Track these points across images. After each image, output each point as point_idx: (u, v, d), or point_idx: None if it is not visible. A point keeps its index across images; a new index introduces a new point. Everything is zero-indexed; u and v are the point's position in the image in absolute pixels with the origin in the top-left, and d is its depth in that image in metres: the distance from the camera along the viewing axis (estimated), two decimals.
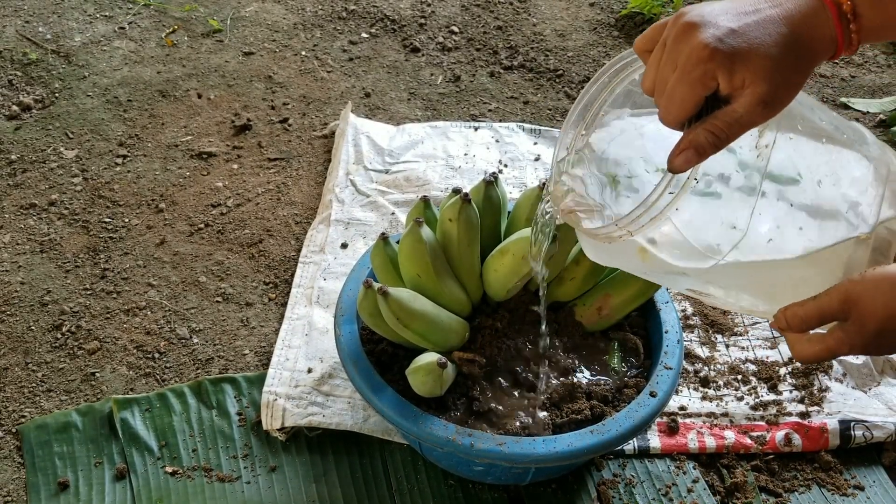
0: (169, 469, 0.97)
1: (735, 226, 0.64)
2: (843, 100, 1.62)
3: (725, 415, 1.05)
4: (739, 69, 0.55)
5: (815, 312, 0.62)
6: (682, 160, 0.58)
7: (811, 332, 0.65)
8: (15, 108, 1.47)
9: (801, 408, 1.05)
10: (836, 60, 0.65)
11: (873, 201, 0.67)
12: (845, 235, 0.66)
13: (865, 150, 0.69)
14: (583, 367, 0.95)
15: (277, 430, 1.00)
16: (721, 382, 1.09)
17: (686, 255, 0.66)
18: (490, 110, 1.57)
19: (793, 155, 0.66)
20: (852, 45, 0.59)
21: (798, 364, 1.11)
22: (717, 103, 0.57)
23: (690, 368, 1.11)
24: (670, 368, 0.92)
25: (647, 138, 0.71)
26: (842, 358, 1.10)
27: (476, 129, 1.48)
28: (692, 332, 1.15)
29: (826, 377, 1.08)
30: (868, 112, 1.60)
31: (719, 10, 0.57)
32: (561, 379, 0.93)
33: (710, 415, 1.05)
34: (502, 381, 0.92)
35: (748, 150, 0.64)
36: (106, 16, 1.71)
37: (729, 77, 0.55)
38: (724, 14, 0.56)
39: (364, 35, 1.74)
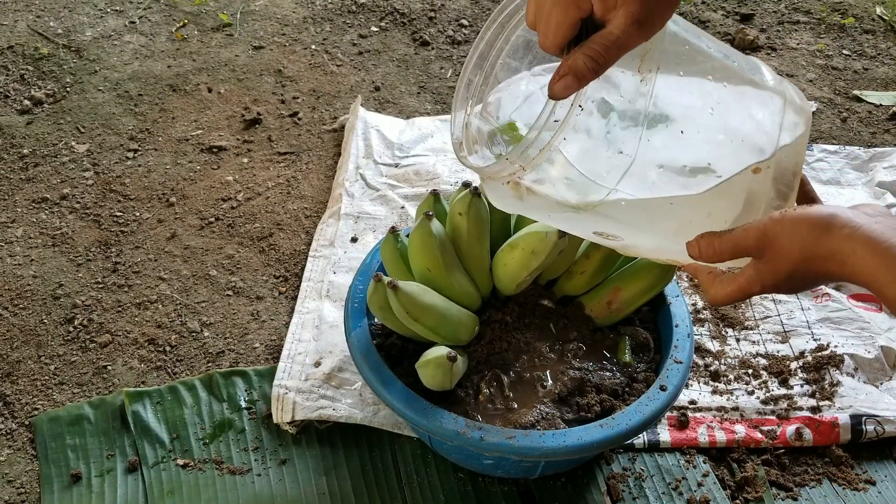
0: (180, 461, 0.98)
1: (622, 150, 0.62)
2: (856, 92, 1.61)
3: (736, 409, 1.04)
4: None
5: (729, 245, 0.61)
6: (561, 86, 0.57)
7: (723, 273, 0.64)
8: (27, 102, 1.47)
9: (812, 402, 1.05)
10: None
11: (771, 129, 0.65)
12: (744, 164, 0.64)
13: (760, 78, 0.67)
14: (592, 362, 0.95)
15: (288, 423, 1.00)
16: (731, 377, 1.09)
17: (580, 189, 0.64)
18: None
19: (681, 83, 0.64)
20: None
21: (809, 358, 1.10)
22: (594, 28, 0.57)
23: (701, 362, 1.10)
24: (680, 363, 0.92)
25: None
26: (853, 352, 1.09)
27: None
28: (702, 326, 1.15)
29: (837, 372, 1.08)
30: (881, 104, 1.59)
31: None
32: (570, 373, 0.93)
33: (721, 409, 1.04)
34: (512, 374, 0.93)
35: (632, 75, 0.62)
36: (116, 10, 1.72)
37: None
38: None
39: (374, 29, 1.74)
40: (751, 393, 1.06)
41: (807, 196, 0.71)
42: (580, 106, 0.59)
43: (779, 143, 0.65)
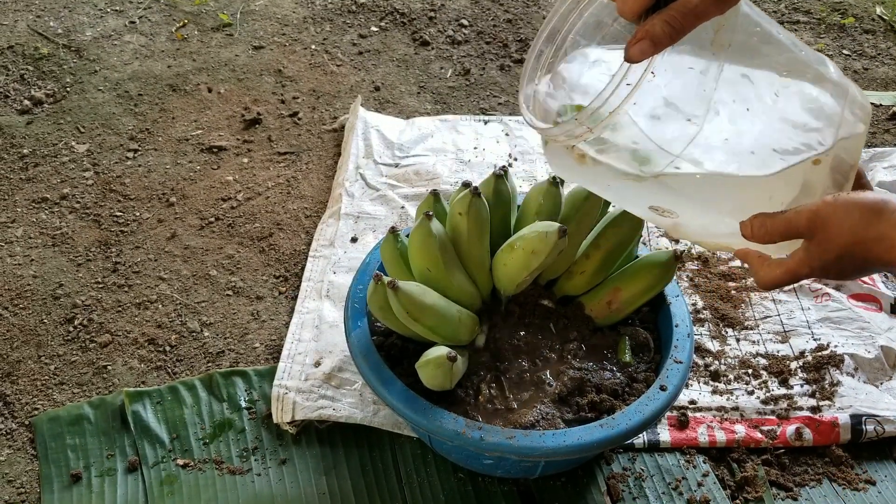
0: (180, 461, 0.98)
1: (690, 119, 0.63)
2: None
3: (736, 409, 1.04)
4: None
5: (782, 226, 0.62)
6: (637, 50, 0.59)
7: (773, 256, 0.65)
8: (27, 102, 1.47)
9: (812, 402, 1.05)
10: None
11: (832, 121, 0.66)
12: (803, 151, 0.65)
13: (825, 70, 0.68)
14: (592, 362, 0.95)
15: (288, 423, 1.00)
16: (731, 376, 1.09)
17: (644, 157, 0.65)
18: (500, 104, 1.57)
19: (750, 64, 0.65)
20: None
21: (809, 358, 1.10)
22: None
23: (701, 362, 1.10)
24: (680, 362, 0.92)
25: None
26: (853, 352, 1.09)
27: (486, 122, 1.48)
28: (702, 326, 1.15)
29: (838, 371, 1.08)
30: (881, 104, 1.59)
31: None
32: (571, 373, 0.93)
33: (721, 409, 1.04)
34: (512, 374, 0.93)
35: (705, 49, 0.64)
36: (116, 10, 1.72)
37: None
38: None
39: (374, 29, 1.74)
40: (751, 393, 1.06)
41: (862, 188, 0.72)
42: (652, 72, 0.60)
43: (838, 136, 0.66)
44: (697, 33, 0.61)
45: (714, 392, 1.07)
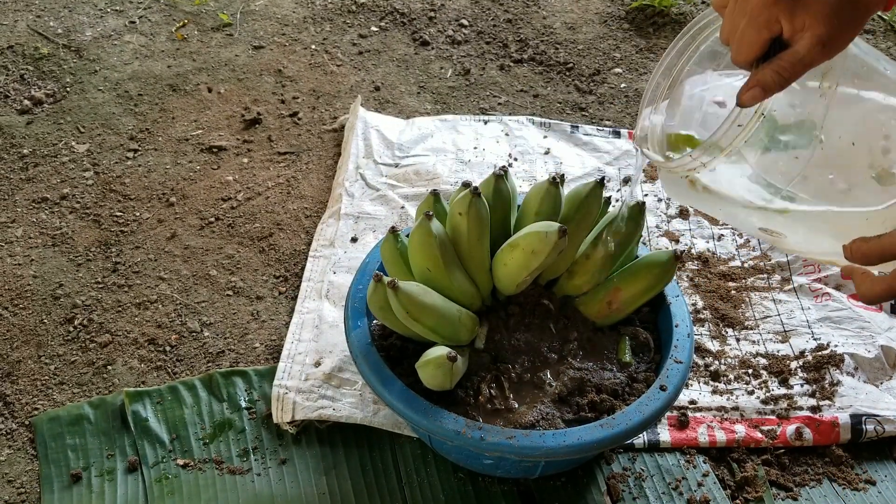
0: (180, 461, 0.98)
1: (797, 157, 0.69)
2: None
3: (736, 409, 1.04)
4: (800, 13, 0.62)
5: (878, 249, 0.66)
6: (749, 96, 0.65)
7: (876, 273, 0.69)
8: (27, 102, 1.47)
9: (812, 402, 1.05)
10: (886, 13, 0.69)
11: None
12: None
13: None
14: (592, 362, 0.95)
15: (288, 423, 1.00)
16: (731, 376, 1.09)
17: (755, 190, 0.71)
18: (500, 104, 1.57)
19: (856, 101, 0.70)
20: None
21: (809, 357, 1.10)
22: (782, 46, 0.64)
23: (701, 362, 1.10)
24: (680, 362, 0.92)
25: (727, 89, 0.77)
26: (853, 352, 1.09)
27: (486, 122, 1.48)
28: (702, 326, 1.15)
29: (837, 371, 1.08)
30: None
31: None
32: (570, 373, 0.93)
33: (721, 409, 1.04)
34: (512, 374, 0.93)
35: (812, 90, 0.69)
36: (116, 10, 1.72)
37: (791, 20, 0.62)
38: None
39: (374, 28, 1.74)
40: (751, 393, 1.06)
41: None
42: (762, 114, 0.66)
43: None
44: (806, 73, 0.65)
45: (714, 392, 1.07)
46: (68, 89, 1.51)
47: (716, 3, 0.69)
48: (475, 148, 1.42)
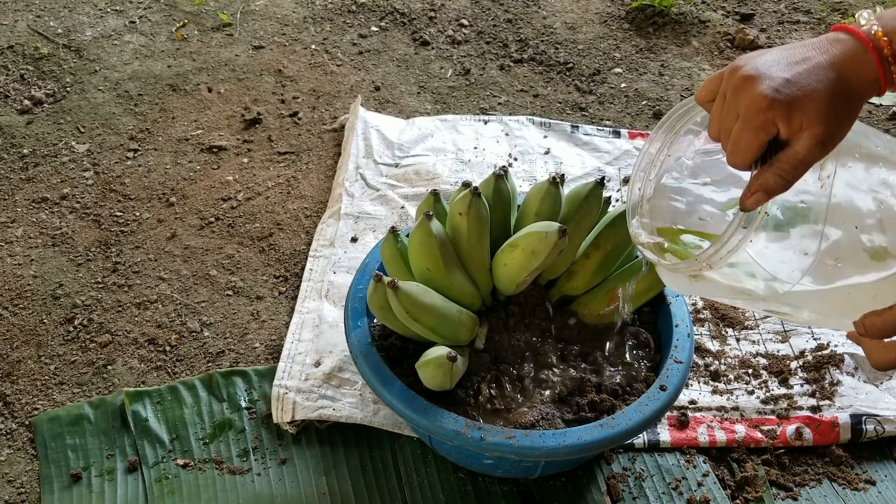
0: (180, 461, 0.98)
1: (806, 252, 0.69)
2: None
3: (736, 409, 1.04)
4: (797, 115, 0.61)
5: (893, 321, 0.66)
6: (752, 201, 0.65)
7: (886, 340, 0.69)
8: (27, 102, 1.47)
9: (812, 402, 1.05)
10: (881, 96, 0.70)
11: None
12: None
13: None
14: (593, 361, 0.95)
15: (288, 423, 1.00)
16: (731, 376, 1.09)
17: (760, 284, 0.71)
18: (500, 104, 1.57)
19: (854, 182, 0.70)
20: (894, 83, 0.64)
21: (809, 357, 1.10)
22: (778, 145, 0.63)
23: (701, 362, 1.10)
24: (680, 362, 0.92)
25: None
26: (853, 352, 1.09)
27: (486, 122, 1.48)
28: (702, 326, 1.15)
29: (837, 371, 1.08)
30: (881, 104, 1.59)
31: (772, 60, 0.62)
32: (570, 373, 0.93)
33: (721, 409, 1.04)
34: (512, 374, 0.93)
35: (811, 182, 0.69)
36: (116, 10, 1.72)
37: (788, 123, 0.61)
38: (776, 65, 0.62)
39: (374, 28, 1.74)
40: (751, 393, 1.06)
41: None
42: (766, 213, 0.67)
43: None
44: None
45: (714, 392, 1.07)
46: (68, 89, 1.51)
47: (700, 97, 0.68)
48: (475, 148, 1.42)
